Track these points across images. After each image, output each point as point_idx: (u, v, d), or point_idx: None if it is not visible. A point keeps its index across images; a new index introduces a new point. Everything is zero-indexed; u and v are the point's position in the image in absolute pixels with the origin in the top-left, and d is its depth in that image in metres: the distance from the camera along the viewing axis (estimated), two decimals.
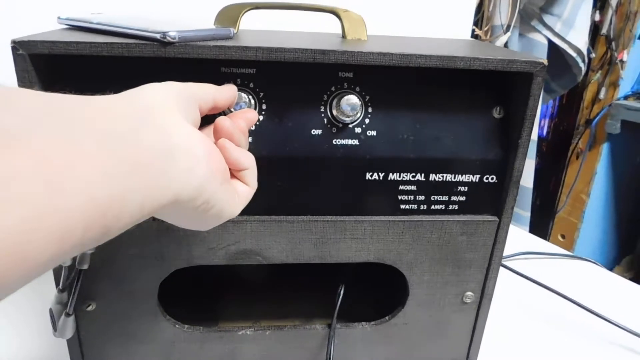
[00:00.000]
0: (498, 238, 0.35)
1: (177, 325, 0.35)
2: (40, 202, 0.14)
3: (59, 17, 0.28)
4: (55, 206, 0.14)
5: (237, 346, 0.36)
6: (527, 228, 1.12)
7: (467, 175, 0.33)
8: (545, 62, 0.30)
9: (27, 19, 0.45)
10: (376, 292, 0.42)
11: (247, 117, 0.27)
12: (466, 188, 0.34)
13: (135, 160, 0.18)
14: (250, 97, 0.29)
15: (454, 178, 0.33)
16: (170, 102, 0.21)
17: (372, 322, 0.37)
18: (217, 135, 0.24)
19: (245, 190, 0.25)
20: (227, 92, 0.26)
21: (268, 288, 0.44)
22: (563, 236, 1.31)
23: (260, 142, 0.30)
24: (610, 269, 1.34)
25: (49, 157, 0.15)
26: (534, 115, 0.31)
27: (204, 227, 0.25)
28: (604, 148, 1.21)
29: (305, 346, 0.37)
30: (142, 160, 0.18)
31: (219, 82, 0.29)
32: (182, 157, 0.20)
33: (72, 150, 0.15)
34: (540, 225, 1.31)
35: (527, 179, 1.08)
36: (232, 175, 0.25)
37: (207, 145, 0.22)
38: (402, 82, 0.31)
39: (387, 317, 0.37)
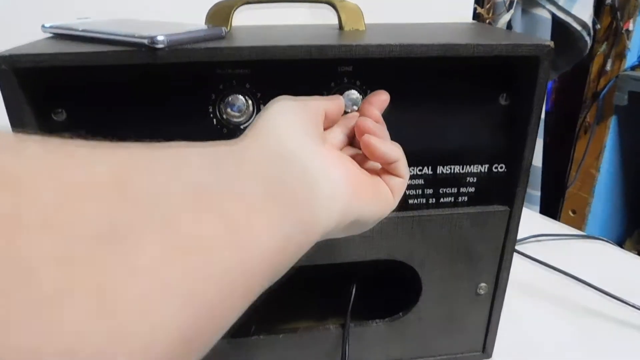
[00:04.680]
0: (510, 228, 0.34)
1: None
2: (231, 265, 0.14)
3: (42, 26, 0.27)
4: (243, 266, 0.14)
5: (251, 352, 0.36)
6: (538, 207, 1.10)
7: (475, 166, 0.32)
8: (552, 44, 0.28)
9: (8, 29, 0.43)
10: (389, 289, 0.41)
11: (381, 100, 0.26)
12: (475, 179, 0.33)
13: (289, 204, 0.17)
14: (247, 98, 0.28)
15: (462, 169, 0.32)
16: (298, 128, 0.21)
17: (386, 319, 0.37)
18: (359, 135, 0.23)
19: (399, 182, 0.25)
20: (337, 102, 0.25)
21: (278, 291, 0.43)
22: (574, 212, 1.29)
23: None
24: (622, 242, 1.32)
25: (232, 218, 0.14)
26: (542, 100, 0.30)
27: (358, 232, 0.24)
28: (612, 121, 1.19)
29: (319, 348, 0.37)
30: (294, 203, 0.18)
31: (215, 83, 0.28)
32: (322, 189, 0.19)
33: (247, 206, 0.15)
34: (551, 202, 1.30)
35: (536, 157, 1.06)
36: (383, 170, 0.25)
37: (343, 165, 0.22)
38: (403, 73, 0.30)
39: (400, 314, 0.37)
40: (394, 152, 0.24)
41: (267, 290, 0.17)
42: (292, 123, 0.21)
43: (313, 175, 0.19)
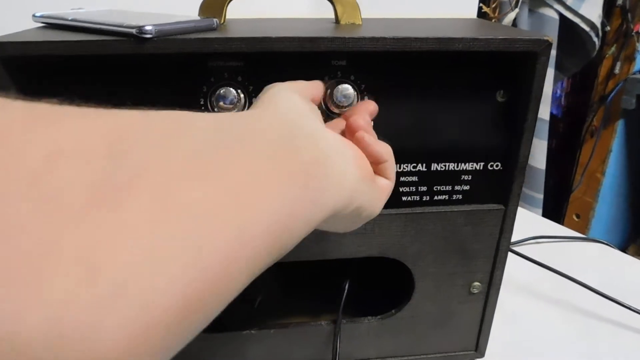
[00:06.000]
0: (505, 227, 0.33)
1: None
2: (232, 230, 0.13)
3: (34, 15, 0.27)
4: (246, 235, 0.14)
5: (242, 346, 0.35)
6: (541, 210, 1.09)
7: (470, 164, 0.32)
8: (551, 39, 0.28)
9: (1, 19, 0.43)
10: (382, 286, 0.41)
11: (370, 110, 0.26)
12: (470, 177, 0.32)
13: (299, 175, 0.17)
14: (239, 91, 0.28)
15: (457, 167, 0.32)
16: (305, 107, 0.21)
17: (379, 317, 0.36)
18: (350, 133, 0.23)
19: (386, 184, 0.24)
20: (318, 87, 0.26)
21: (272, 286, 0.43)
22: (578, 216, 1.27)
23: None
24: (626, 247, 1.30)
25: (234, 185, 0.14)
26: (540, 97, 0.29)
27: (351, 229, 0.24)
28: (619, 125, 1.17)
29: (311, 343, 0.36)
30: (305, 174, 0.17)
31: (206, 75, 0.28)
32: (334, 165, 0.19)
33: (250, 173, 0.15)
34: (555, 206, 1.28)
35: (540, 160, 1.05)
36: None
37: (352, 146, 0.21)
38: (399, 68, 0.30)
39: (393, 311, 0.36)
40: (385, 151, 0.24)
41: (262, 285, 0.16)
42: (299, 102, 0.21)
43: (325, 149, 0.19)
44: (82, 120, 0.12)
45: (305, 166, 0.17)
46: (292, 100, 0.21)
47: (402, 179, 0.32)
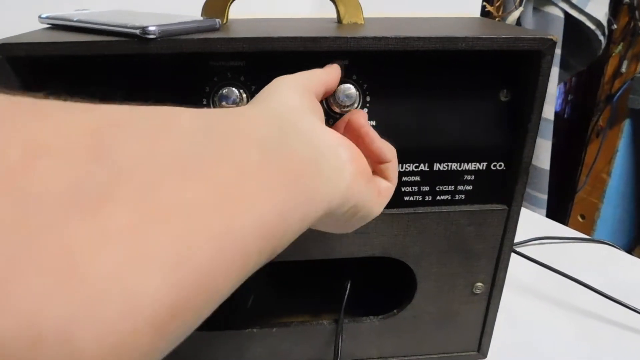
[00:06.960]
0: (508, 227, 0.33)
1: None
2: (220, 231, 0.13)
3: (39, 16, 0.27)
4: (233, 234, 0.13)
5: (243, 344, 0.36)
6: (545, 211, 1.09)
7: (473, 163, 0.32)
8: (555, 38, 0.28)
9: (7, 19, 0.44)
10: (384, 286, 0.41)
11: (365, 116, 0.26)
12: (473, 177, 0.32)
13: (291, 173, 0.16)
14: (241, 91, 0.28)
15: (460, 167, 0.32)
16: (304, 103, 0.20)
17: (380, 316, 0.36)
18: (353, 130, 0.23)
19: (387, 186, 0.24)
20: (334, 74, 0.25)
21: (274, 285, 0.43)
22: (583, 216, 1.27)
23: None
24: (632, 248, 1.29)
25: (221, 183, 0.13)
26: (544, 97, 0.29)
27: (348, 230, 0.24)
28: (626, 125, 1.16)
29: (312, 342, 0.37)
30: (297, 172, 0.17)
31: (209, 75, 0.28)
32: (328, 163, 0.19)
33: (239, 171, 0.14)
34: (560, 206, 1.27)
35: (544, 160, 1.04)
36: (373, 172, 0.24)
37: (349, 145, 0.21)
38: (401, 68, 0.30)
39: (395, 311, 0.36)
40: (389, 151, 0.23)
41: (263, 284, 0.16)
42: (297, 98, 0.20)
43: (320, 146, 0.19)
44: (66, 115, 0.12)
45: (297, 164, 0.17)
46: (288, 96, 0.20)
47: (404, 178, 0.32)
